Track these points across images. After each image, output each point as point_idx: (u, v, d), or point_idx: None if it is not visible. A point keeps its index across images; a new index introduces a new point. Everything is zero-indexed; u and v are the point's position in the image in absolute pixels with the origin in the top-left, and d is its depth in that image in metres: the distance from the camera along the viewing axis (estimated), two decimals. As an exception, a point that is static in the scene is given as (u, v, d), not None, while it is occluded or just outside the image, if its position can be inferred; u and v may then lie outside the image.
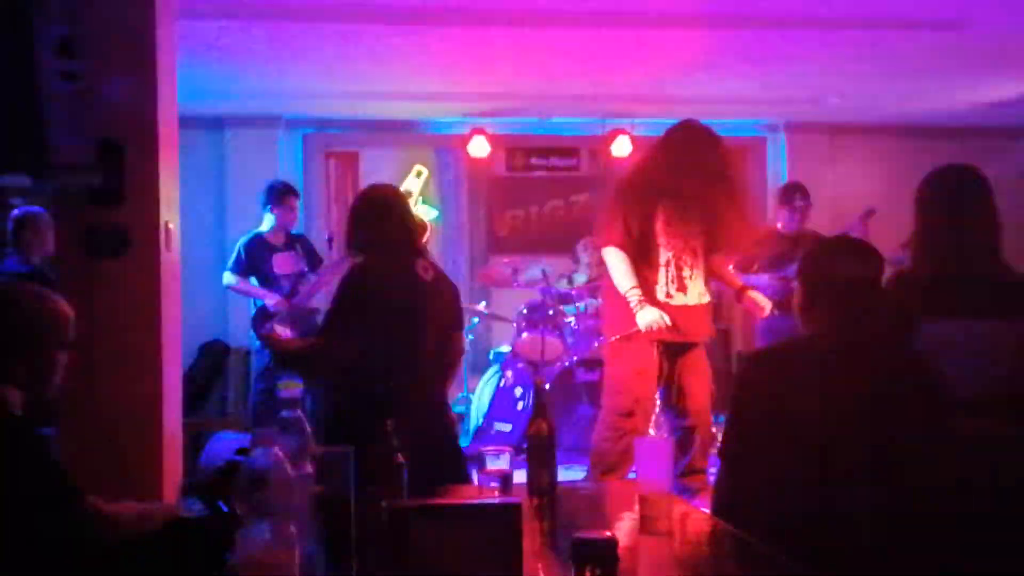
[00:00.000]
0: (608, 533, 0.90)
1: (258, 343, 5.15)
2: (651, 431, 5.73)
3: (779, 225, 5.48)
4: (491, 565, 1.21)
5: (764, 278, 5.18)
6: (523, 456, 2.10)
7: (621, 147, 7.00)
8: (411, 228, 3.36)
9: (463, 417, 6.66)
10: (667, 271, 3.94)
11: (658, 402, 4.05)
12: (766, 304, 4.18)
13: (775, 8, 4.74)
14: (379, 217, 3.24)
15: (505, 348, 6.46)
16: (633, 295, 3.87)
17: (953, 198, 2.39)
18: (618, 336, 3.97)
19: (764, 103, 6.95)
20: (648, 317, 3.85)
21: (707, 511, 2.09)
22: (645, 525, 1.84)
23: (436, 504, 1.36)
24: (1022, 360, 2.24)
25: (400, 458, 1.73)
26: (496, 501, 1.39)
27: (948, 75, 6.06)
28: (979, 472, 2.02)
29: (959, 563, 1.88)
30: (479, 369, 6.63)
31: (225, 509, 1.67)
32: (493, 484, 1.90)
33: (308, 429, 1.71)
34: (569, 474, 4.55)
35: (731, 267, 5.60)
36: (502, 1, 4.73)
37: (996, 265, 2.37)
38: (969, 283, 2.33)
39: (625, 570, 1.09)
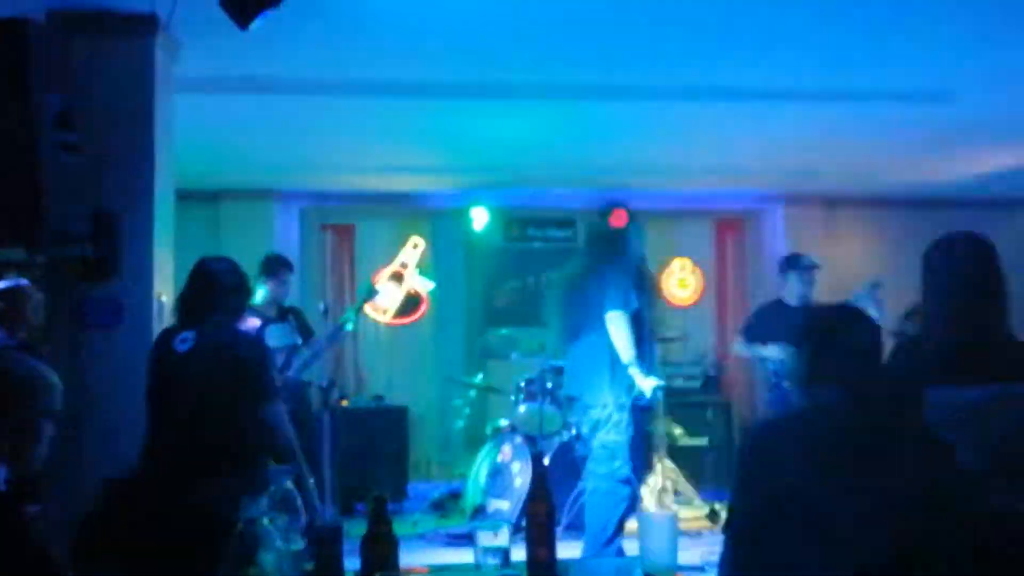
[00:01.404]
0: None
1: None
2: (648, 502, 5.64)
3: (785, 296, 5.44)
4: None
5: (773, 349, 5.13)
6: (522, 534, 2.03)
7: (618, 219, 7.01)
8: (196, 293, 3.21)
9: (458, 494, 6.52)
10: None
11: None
12: (647, 384, 4.18)
13: (770, 81, 4.81)
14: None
15: (503, 422, 6.36)
16: (636, 356, 4.05)
17: (961, 264, 2.35)
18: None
19: (761, 175, 7.00)
20: (652, 383, 4.06)
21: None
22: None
23: None
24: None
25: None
26: None
27: (940, 147, 6.13)
28: (999, 547, 1.94)
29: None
30: (476, 443, 6.52)
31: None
32: (492, 560, 1.82)
33: (299, 504, 1.64)
34: (568, 551, 4.42)
35: (739, 338, 5.57)
36: (497, 74, 4.78)
37: (1005, 334, 2.33)
38: (978, 352, 2.28)
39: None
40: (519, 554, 2.00)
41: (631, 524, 4.15)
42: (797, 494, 1.85)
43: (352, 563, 1.74)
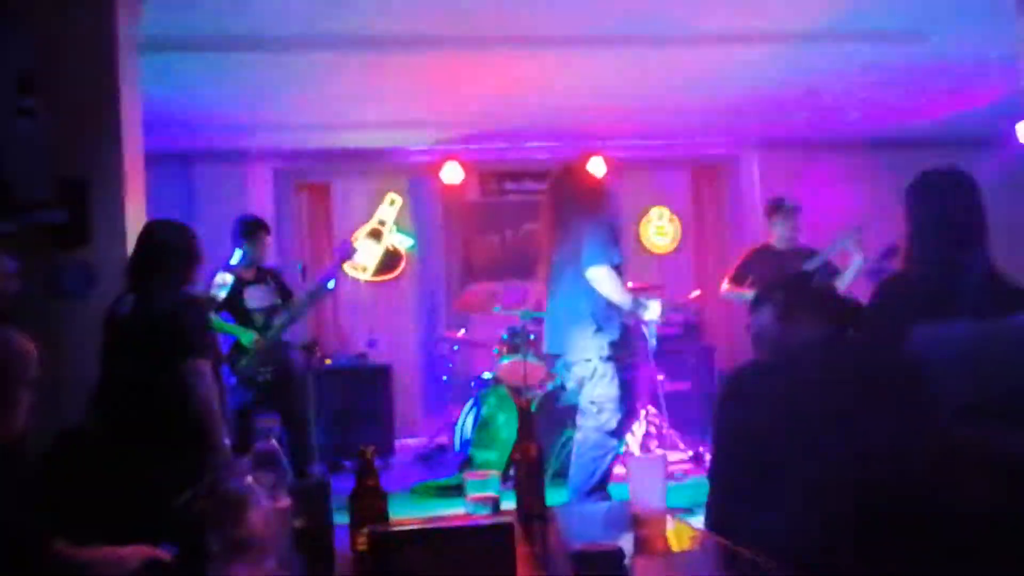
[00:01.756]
0: (613, 545, 0.82)
1: (233, 380, 5.03)
2: (633, 448, 5.69)
3: (772, 240, 5.45)
4: None
5: None
6: (510, 484, 2.03)
7: (595, 169, 6.99)
8: (139, 257, 3.24)
9: (445, 448, 6.57)
10: None
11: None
12: (655, 309, 4.17)
13: (743, 22, 4.76)
14: None
15: (487, 375, 6.38)
16: (633, 299, 4.05)
17: (944, 199, 2.36)
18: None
19: (736, 119, 6.97)
20: (657, 307, 4.08)
21: (701, 527, 2.03)
22: (642, 545, 1.77)
23: (422, 528, 1.26)
24: (1017, 362, 2.20)
25: None
26: (486, 521, 1.30)
27: (913, 87, 6.11)
28: (977, 478, 1.97)
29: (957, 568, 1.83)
30: (461, 398, 6.54)
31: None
32: (483, 510, 1.82)
33: (284, 461, 1.63)
34: (555, 499, 4.47)
35: (725, 283, 5.58)
36: (469, 26, 4.71)
37: (988, 266, 2.34)
38: (962, 285, 2.29)
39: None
40: (509, 504, 2.01)
41: (617, 470, 4.20)
42: (774, 438, 1.87)
43: (342, 519, 1.74)
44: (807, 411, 1.88)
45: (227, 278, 4.12)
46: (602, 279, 3.98)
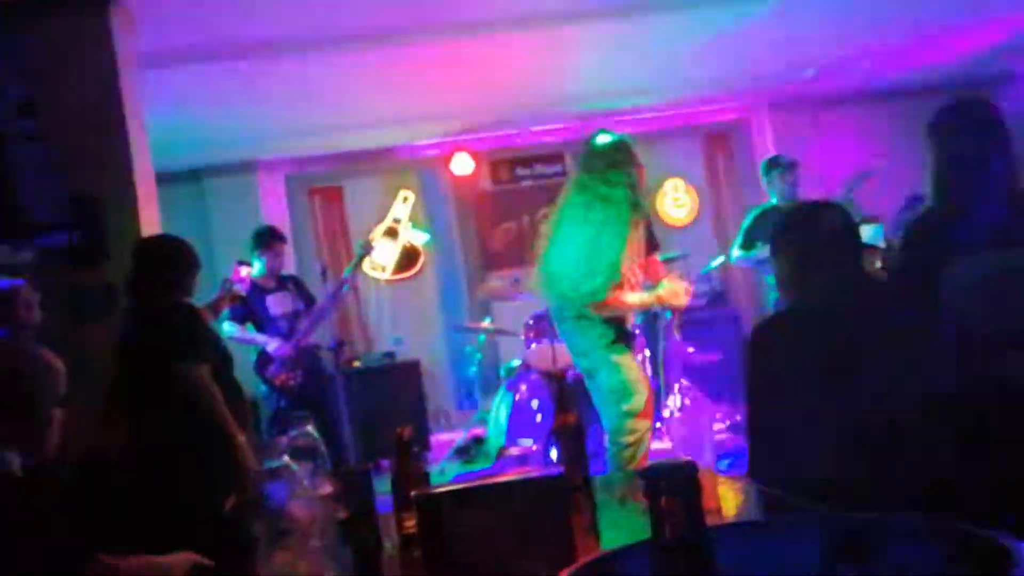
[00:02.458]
0: (685, 459, 0.78)
1: (264, 389, 5.03)
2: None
3: (774, 200, 5.38)
4: (540, 545, 1.07)
5: (768, 250, 5.08)
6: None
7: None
8: (134, 273, 3.24)
9: (481, 438, 6.54)
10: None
11: None
12: (682, 289, 3.95)
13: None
14: None
15: (516, 362, 6.34)
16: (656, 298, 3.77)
17: (974, 128, 2.29)
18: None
19: (745, 82, 6.88)
20: (682, 292, 3.73)
21: (748, 481, 1.99)
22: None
23: (470, 486, 1.21)
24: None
25: None
26: (536, 473, 1.25)
27: (922, 30, 5.99)
28: (1004, 409, 1.92)
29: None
30: (492, 388, 6.51)
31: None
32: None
33: (323, 450, 1.60)
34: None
35: (735, 249, 5.50)
36: (462, 10, 4.66)
37: (1018, 195, 2.27)
38: (995, 215, 2.23)
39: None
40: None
41: (659, 446, 4.12)
42: (806, 381, 1.85)
43: (386, 508, 1.71)
44: (835, 353, 1.85)
45: (244, 271, 4.12)
46: (605, 308, 3.69)
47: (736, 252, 5.51)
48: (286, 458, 1.29)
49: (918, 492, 1.65)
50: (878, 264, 3.63)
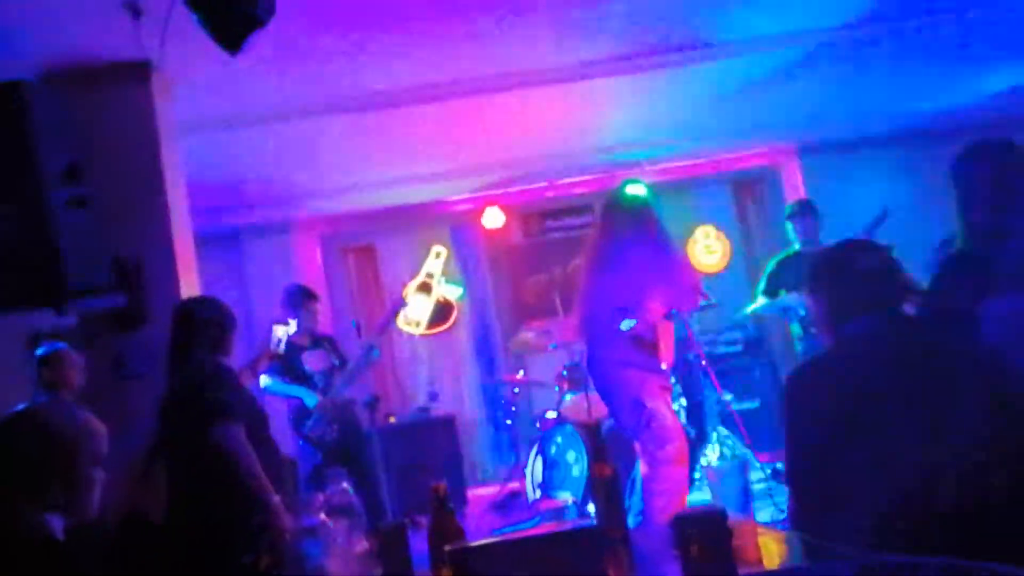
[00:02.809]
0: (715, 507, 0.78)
1: (301, 445, 5.05)
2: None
3: (797, 246, 5.36)
4: None
5: (794, 296, 5.05)
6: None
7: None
8: (175, 336, 3.32)
9: (518, 493, 6.48)
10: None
11: None
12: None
13: (775, 26, 4.72)
14: None
15: (551, 414, 6.31)
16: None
17: (994, 164, 2.29)
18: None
19: (774, 128, 6.90)
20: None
21: (788, 531, 1.96)
22: (735, 555, 1.70)
23: (503, 540, 1.21)
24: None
25: None
26: (568, 526, 1.25)
27: (950, 68, 5.99)
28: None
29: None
30: (528, 440, 6.47)
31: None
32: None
33: (358, 506, 1.61)
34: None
35: (758, 294, 5.47)
36: (490, 67, 4.75)
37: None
38: (1021, 256, 2.21)
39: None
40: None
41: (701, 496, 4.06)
42: (846, 427, 1.82)
43: (422, 565, 1.70)
44: (875, 397, 1.82)
45: (281, 331, 4.17)
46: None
47: (760, 300, 5.48)
48: (323, 515, 1.30)
49: (962, 537, 1.62)
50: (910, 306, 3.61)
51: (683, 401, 5.65)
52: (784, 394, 2.10)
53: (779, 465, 5.80)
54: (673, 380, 4.84)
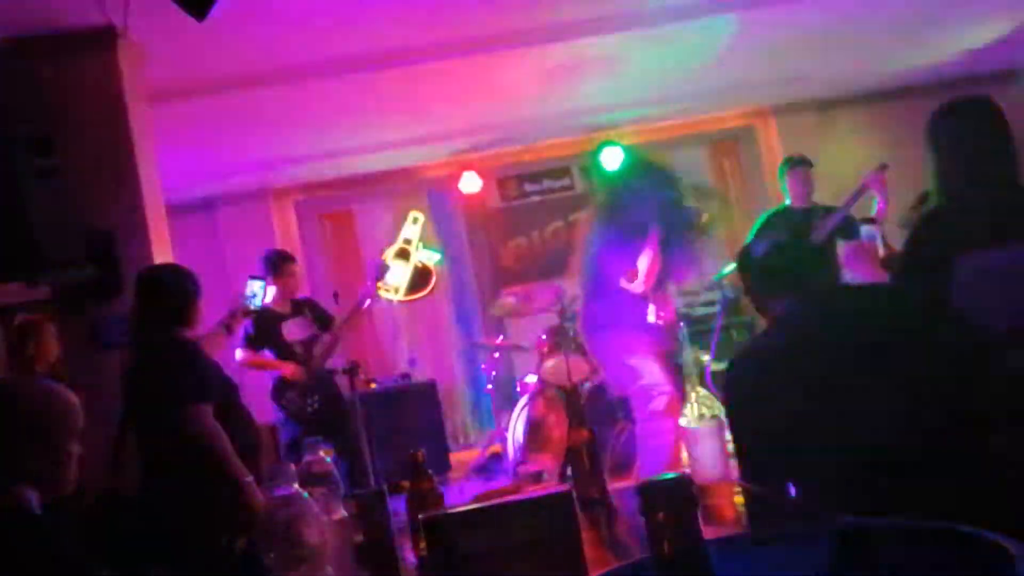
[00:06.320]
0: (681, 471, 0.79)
1: (282, 416, 5.05)
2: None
3: (788, 201, 5.36)
4: (549, 564, 1.08)
5: None
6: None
7: (611, 158, 6.93)
8: (136, 306, 3.13)
9: (500, 456, 6.53)
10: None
11: None
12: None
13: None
14: None
15: (531, 378, 6.33)
16: None
17: (968, 123, 2.29)
18: None
19: (752, 89, 6.88)
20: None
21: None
22: (710, 515, 1.72)
23: (477, 507, 1.22)
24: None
25: None
26: (542, 492, 1.27)
27: (925, 25, 5.98)
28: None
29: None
30: (509, 404, 6.51)
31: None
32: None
33: (336, 474, 1.61)
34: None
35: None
36: (465, 31, 4.70)
37: (1019, 191, 2.27)
38: (997, 212, 2.22)
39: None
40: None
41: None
42: (797, 410, 1.78)
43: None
44: (840, 360, 1.81)
45: (256, 286, 4.02)
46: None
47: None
48: (296, 485, 1.31)
49: (931, 499, 1.63)
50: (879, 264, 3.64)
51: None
52: (725, 388, 2.01)
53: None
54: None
